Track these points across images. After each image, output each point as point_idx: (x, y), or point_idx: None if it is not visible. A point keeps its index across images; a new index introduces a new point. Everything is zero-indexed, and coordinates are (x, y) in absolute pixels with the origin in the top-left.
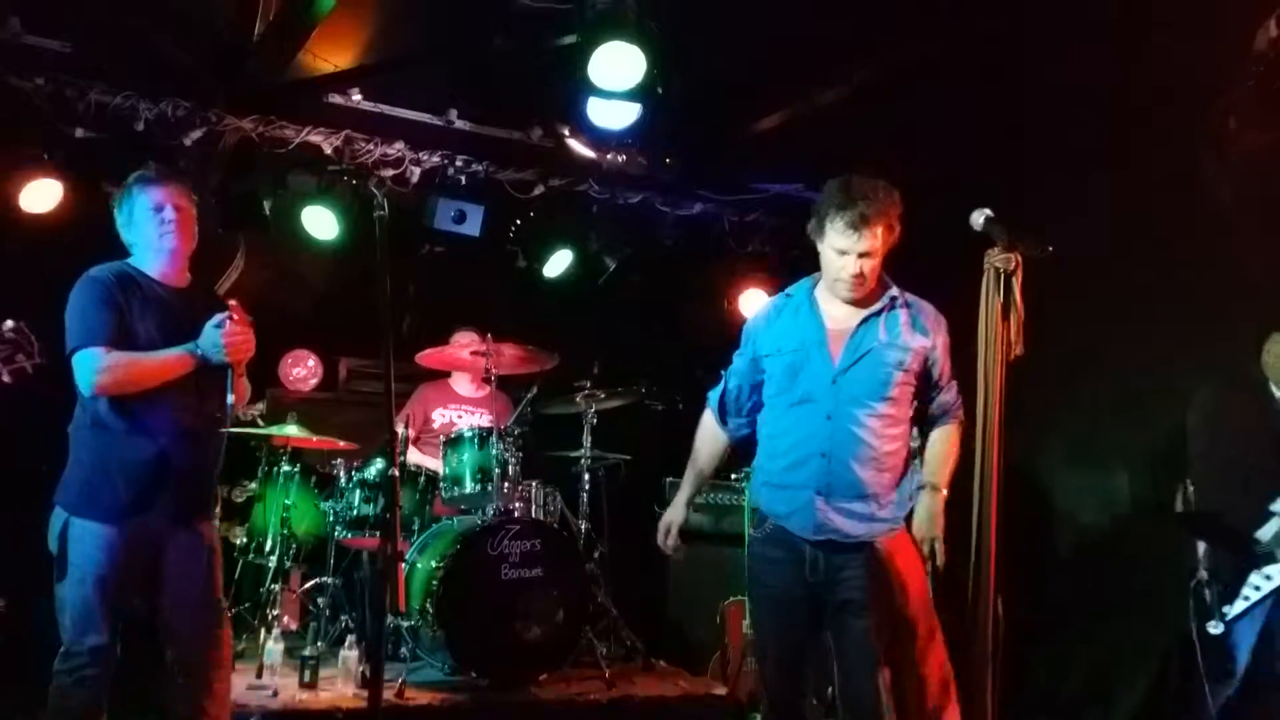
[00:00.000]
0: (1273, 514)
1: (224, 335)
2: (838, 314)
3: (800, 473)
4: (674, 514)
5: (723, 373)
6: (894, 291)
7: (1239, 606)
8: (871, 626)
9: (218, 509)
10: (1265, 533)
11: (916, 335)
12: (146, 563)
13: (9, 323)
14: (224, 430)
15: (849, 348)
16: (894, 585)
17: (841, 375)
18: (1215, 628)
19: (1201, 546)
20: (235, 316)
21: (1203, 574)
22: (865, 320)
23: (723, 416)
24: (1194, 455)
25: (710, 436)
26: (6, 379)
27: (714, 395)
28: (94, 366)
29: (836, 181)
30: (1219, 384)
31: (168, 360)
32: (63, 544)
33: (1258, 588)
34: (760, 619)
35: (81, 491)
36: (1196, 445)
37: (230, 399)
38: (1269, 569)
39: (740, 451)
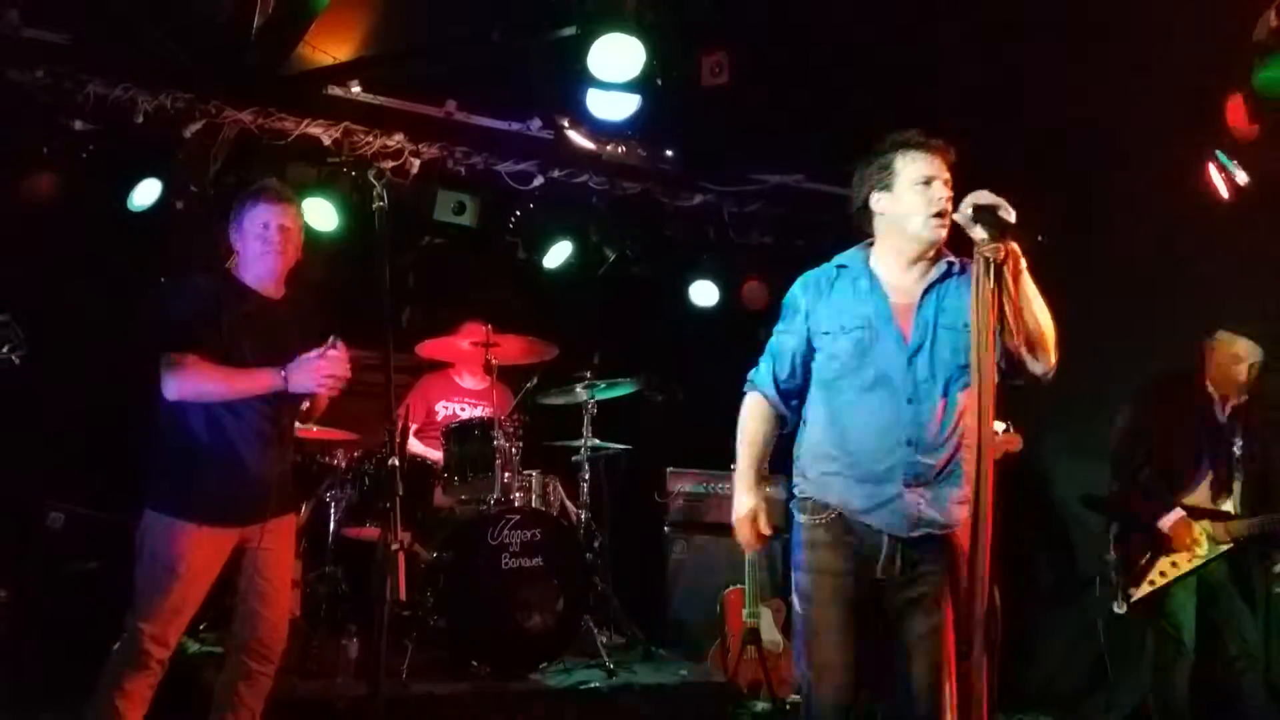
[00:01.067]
0: (1179, 507)
1: (318, 371)
2: (900, 285)
3: (884, 464)
4: (752, 502)
5: (771, 349)
6: (950, 257)
7: (1143, 590)
8: (941, 624)
9: (297, 511)
10: (1165, 523)
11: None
12: (218, 559)
13: None
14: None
15: (918, 323)
16: (961, 577)
17: (915, 354)
18: (1119, 608)
19: (1114, 529)
20: (338, 348)
21: (1111, 556)
22: (928, 291)
23: (784, 398)
24: (1117, 441)
25: (763, 417)
26: None
27: (764, 377)
28: (171, 371)
29: (890, 135)
30: (1156, 374)
31: (250, 380)
32: (142, 535)
33: (1163, 573)
34: (818, 616)
35: (161, 488)
36: (1120, 432)
37: (305, 404)
38: (1174, 557)
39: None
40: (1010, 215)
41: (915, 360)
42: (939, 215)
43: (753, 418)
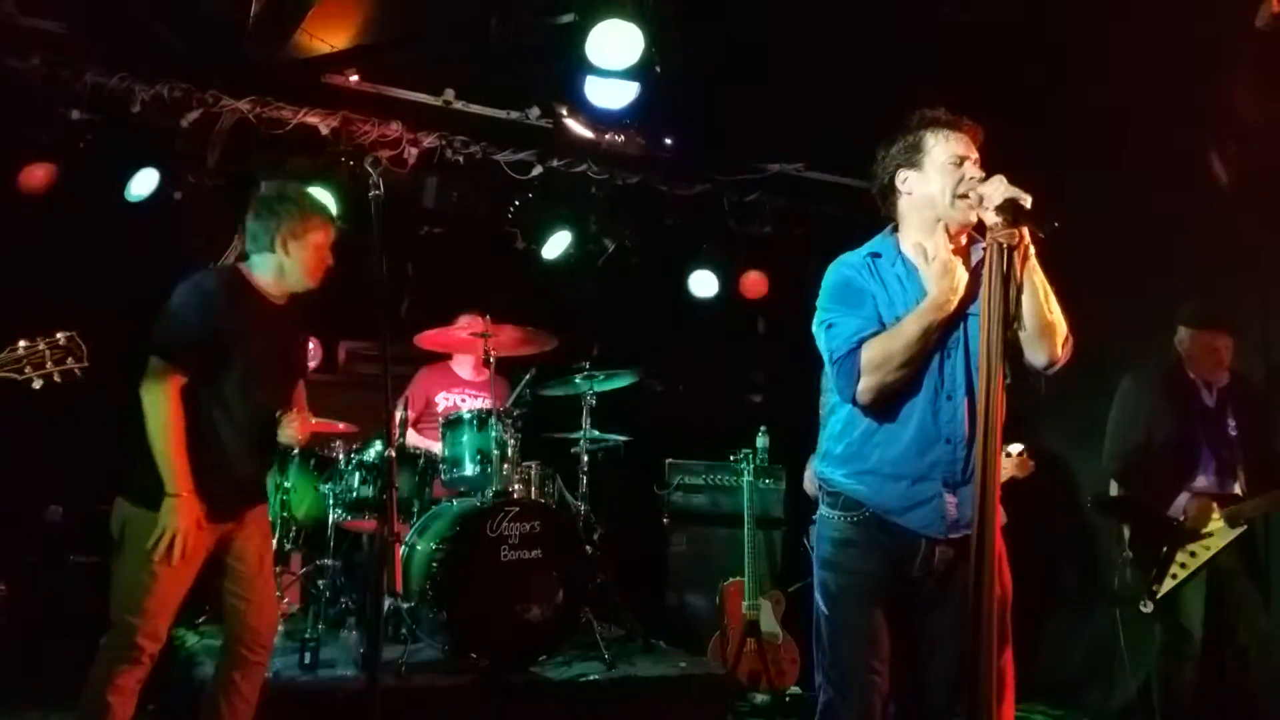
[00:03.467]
0: (1186, 493)
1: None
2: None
3: (922, 463)
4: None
5: (852, 336)
6: (982, 244)
7: (1167, 585)
8: (966, 619)
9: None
10: (1178, 508)
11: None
12: (200, 554)
13: (62, 333)
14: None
15: (954, 314)
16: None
17: (953, 347)
18: (1145, 606)
19: (1126, 530)
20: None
21: (1128, 554)
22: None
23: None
24: (1112, 440)
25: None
26: (57, 379)
27: (848, 362)
28: (155, 390)
29: (918, 112)
30: (1139, 370)
31: (175, 467)
32: (122, 528)
33: (1184, 565)
34: (847, 617)
35: (146, 483)
36: (1115, 430)
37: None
38: (1192, 546)
39: (741, 432)
40: (1027, 201)
41: (952, 353)
42: (969, 197)
43: (881, 336)
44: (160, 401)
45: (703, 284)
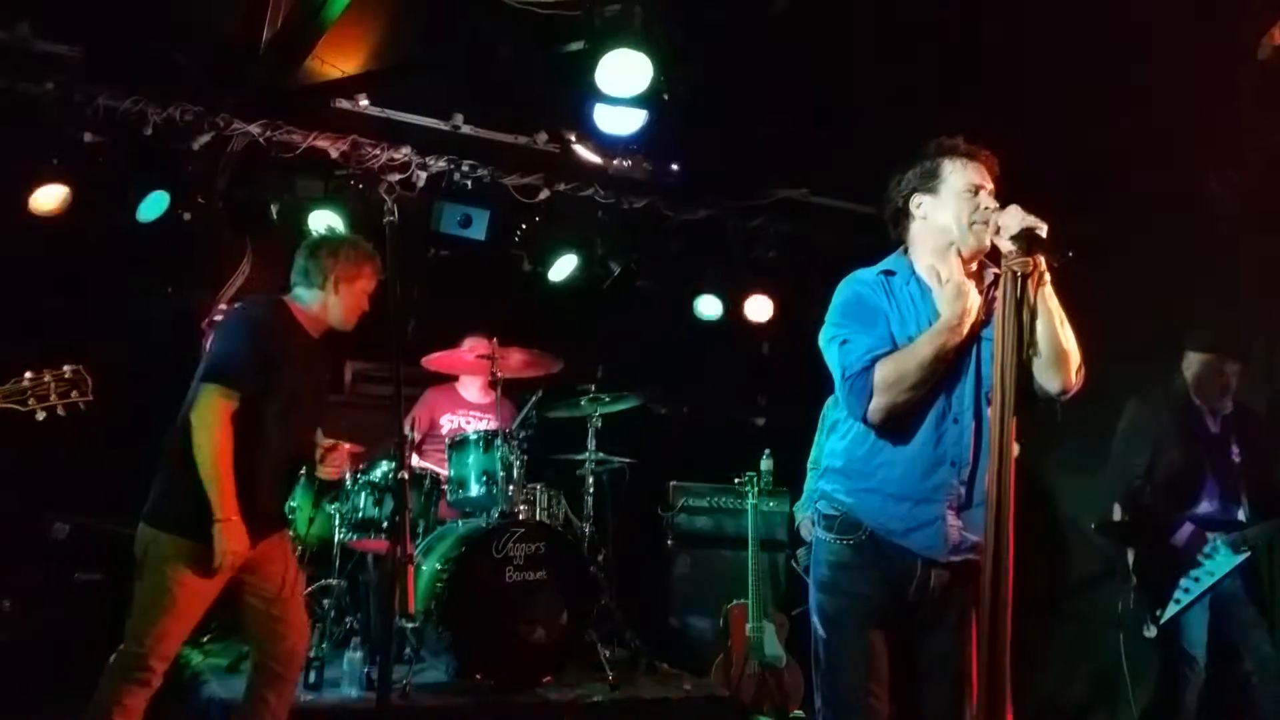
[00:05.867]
0: (1188, 520)
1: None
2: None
3: (926, 485)
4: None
5: (865, 354)
6: (994, 269)
7: (1170, 610)
8: (965, 643)
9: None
10: (1179, 538)
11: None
12: (222, 578)
13: (68, 365)
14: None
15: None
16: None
17: (964, 370)
18: (1149, 631)
19: (1130, 554)
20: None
21: (1132, 579)
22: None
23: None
24: (1117, 465)
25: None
26: (60, 411)
27: (861, 380)
28: (209, 415)
29: (935, 140)
30: (1144, 396)
31: (221, 492)
32: (145, 551)
33: (1187, 590)
34: (844, 642)
35: (175, 508)
36: (1119, 455)
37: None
38: (1195, 572)
39: (745, 455)
40: (1042, 230)
41: (962, 376)
42: (983, 225)
43: (894, 355)
44: (215, 428)
45: (708, 307)
